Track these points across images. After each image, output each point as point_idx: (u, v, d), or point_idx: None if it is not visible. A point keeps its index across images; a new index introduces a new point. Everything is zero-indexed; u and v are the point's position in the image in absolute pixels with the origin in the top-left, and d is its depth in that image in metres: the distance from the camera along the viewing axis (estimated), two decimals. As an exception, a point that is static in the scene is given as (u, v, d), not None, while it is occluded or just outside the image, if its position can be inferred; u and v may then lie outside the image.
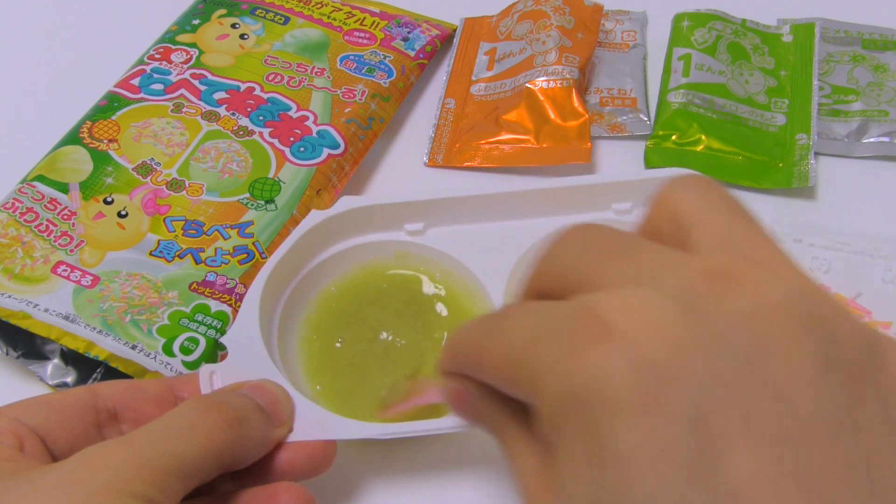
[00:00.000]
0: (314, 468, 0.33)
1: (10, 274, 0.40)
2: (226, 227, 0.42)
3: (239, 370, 0.34)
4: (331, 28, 0.52)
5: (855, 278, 0.42)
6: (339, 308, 0.40)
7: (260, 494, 0.31)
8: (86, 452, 0.27)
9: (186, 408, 0.30)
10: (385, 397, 0.37)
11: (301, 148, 0.46)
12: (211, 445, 0.28)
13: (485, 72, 0.53)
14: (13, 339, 0.39)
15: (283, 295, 0.39)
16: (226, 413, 0.30)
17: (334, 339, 0.39)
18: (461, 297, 0.40)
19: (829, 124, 0.50)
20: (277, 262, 0.38)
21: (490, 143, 0.49)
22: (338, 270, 0.41)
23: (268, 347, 0.36)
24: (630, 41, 0.54)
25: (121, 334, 0.38)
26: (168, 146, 0.45)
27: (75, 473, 0.26)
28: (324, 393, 0.37)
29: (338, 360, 0.38)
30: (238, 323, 0.36)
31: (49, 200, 0.43)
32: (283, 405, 0.33)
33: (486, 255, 0.39)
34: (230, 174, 0.44)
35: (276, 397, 0.33)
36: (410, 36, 0.53)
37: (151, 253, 0.41)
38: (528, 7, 0.53)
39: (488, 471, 0.37)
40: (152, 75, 0.49)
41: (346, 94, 0.49)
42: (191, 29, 0.52)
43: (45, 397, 0.31)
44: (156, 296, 0.39)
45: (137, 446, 0.27)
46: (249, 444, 0.31)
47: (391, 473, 0.37)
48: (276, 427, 0.32)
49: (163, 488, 0.26)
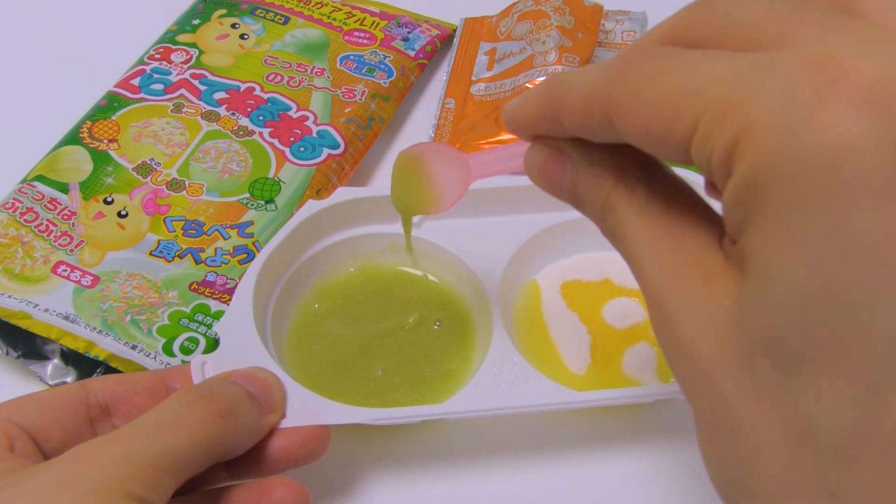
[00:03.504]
0: (309, 454, 0.32)
1: (10, 274, 0.40)
2: (226, 227, 0.42)
3: (231, 359, 0.34)
4: (331, 28, 0.52)
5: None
6: (334, 298, 0.40)
7: (254, 489, 0.30)
8: (76, 451, 0.26)
9: (175, 400, 0.29)
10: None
11: (301, 148, 0.46)
12: (201, 437, 0.28)
13: (485, 72, 0.53)
14: (13, 339, 0.39)
15: (277, 284, 0.39)
16: (215, 403, 0.29)
17: (329, 328, 0.39)
18: (456, 289, 0.40)
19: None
20: (272, 252, 0.38)
21: (490, 143, 0.49)
22: (333, 261, 0.41)
23: (261, 336, 0.36)
24: (630, 41, 0.54)
25: (121, 334, 0.38)
26: (168, 146, 0.45)
27: (66, 474, 0.25)
28: (317, 380, 0.37)
29: (332, 348, 0.38)
30: (231, 311, 0.36)
31: (49, 200, 0.43)
32: (275, 391, 0.33)
33: (482, 249, 0.40)
34: (230, 174, 0.44)
35: (268, 384, 0.33)
36: (410, 36, 0.53)
37: (151, 253, 0.41)
38: (528, 7, 0.53)
39: (487, 460, 0.37)
40: (152, 75, 0.49)
41: (346, 94, 0.49)
42: (191, 29, 0.52)
43: (35, 395, 0.31)
44: (156, 296, 0.39)
45: (127, 443, 0.27)
46: (241, 433, 0.30)
47: (387, 464, 0.37)
48: (268, 414, 0.32)
49: (154, 485, 0.26)
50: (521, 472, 0.37)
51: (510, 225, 0.41)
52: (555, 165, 0.23)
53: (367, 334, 0.39)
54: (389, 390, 0.37)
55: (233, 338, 0.35)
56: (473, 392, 0.34)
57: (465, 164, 0.31)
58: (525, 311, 0.40)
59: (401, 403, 0.36)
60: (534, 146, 0.24)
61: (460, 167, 0.31)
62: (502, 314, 0.37)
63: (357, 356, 0.38)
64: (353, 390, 0.37)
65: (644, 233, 0.21)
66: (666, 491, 0.36)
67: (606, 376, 0.38)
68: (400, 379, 0.37)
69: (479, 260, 0.39)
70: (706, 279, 0.19)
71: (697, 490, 0.36)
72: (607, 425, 0.38)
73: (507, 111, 0.24)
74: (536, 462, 0.37)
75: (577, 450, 0.37)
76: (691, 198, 0.21)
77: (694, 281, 0.19)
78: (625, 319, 0.40)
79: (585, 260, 0.42)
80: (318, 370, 0.38)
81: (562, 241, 0.41)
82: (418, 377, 0.38)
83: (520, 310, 0.40)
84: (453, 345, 0.39)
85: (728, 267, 0.19)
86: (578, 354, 0.39)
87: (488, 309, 0.38)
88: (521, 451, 0.37)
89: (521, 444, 0.37)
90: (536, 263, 0.41)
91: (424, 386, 0.37)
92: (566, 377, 0.38)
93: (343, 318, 0.39)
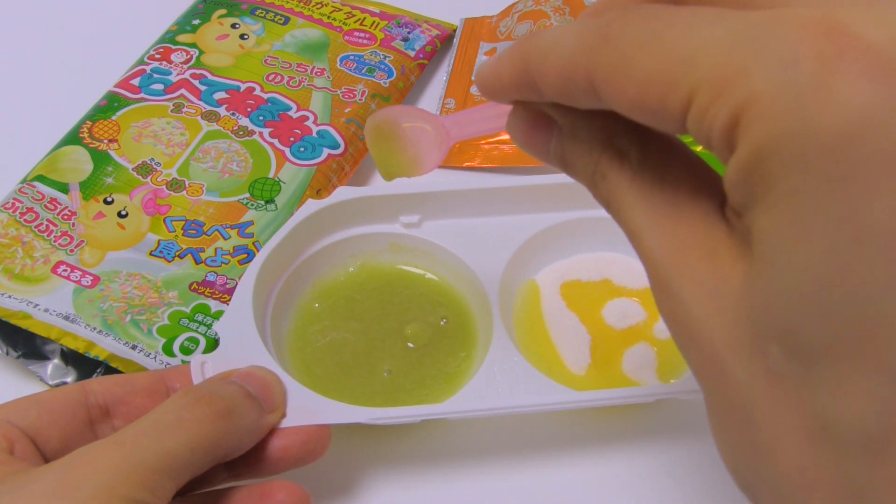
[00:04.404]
0: (309, 454, 0.32)
1: (10, 274, 0.40)
2: (226, 227, 0.42)
3: (231, 358, 0.34)
4: (331, 28, 0.52)
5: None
6: (335, 297, 0.40)
7: (255, 492, 0.30)
8: (76, 455, 0.26)
9: (174, 402, 0.29)
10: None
11: (301, 148, 0.46)
12: (201, 439, 0.28)
13: (485, 72, 0.53)
14: (13, 339, 0.39)
15: (277, 283, 0.39)
16: (214, 405, 0.29)
17: (331, 328, 0.39)
18: (455, 289, 0.40)
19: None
20: (272, 251, 0.38)
21: (490, 143, 0.49)
22: (333, 260, 0.41)
23: (261, 335, 0.36)
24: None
25: (121, 334, 0.38)
26: (168, 146, 0.45)
27: (66, 478, 0.25)
28: (321, 381, 0.37)
29: (336, 349, 0.38)
30: (231, 311, 0.36)
31: (49, 200, 0.43)
32: (275, 390, 0.32)
33: (481, 249, 0.40)
34: (230, 174, 0.44)
35: (267, 383, 0.32)
36: (410, 36, 0.53)
37: (151, 253, 0.41)
38: (528, 7, 0.53)
39: (488, 459, 0.37)
40: (152, 75, 0.49)
41: (346, 94, 0.49)
42: (191, 29, 0.52)
43: (35, 396, 0.31)
44: (156, 296, 0.39)
45: (127, 447, 0.26)
46: (241, 433, 0.30)
47: (388, 464, 0.37)
48: (268, 413, 0.32)
49: (153, 489, 0.26)
50: (521, 472, 0.37)
51: (510, 225, 0.41)
52: (539, 131, 0.22)
53: (371, 334, 0.39)
54: (396, 391, 0.37)
55: (232, 337, 0.35)
56: (474, 392, 0.34)
57: (440, 125, 0.30)
58: (525, 312, 0.40)
59: (408, 403, 0.36)
60: (515, 110, 0.22)
61: (436, 127, 0.30)
62: (502, 314, 0.37)
63: (362, 356, 0.38)
64: (357, 392, 0.37)
65: (640, 202, 0.19)
66: (666, 491, 0.36)
67: (606, 376, 0.38)
68: (406, 379, 0.37)
69: (478, 260, 0.39)
70: (711, 255, 0.18)
71: (697, 490, 0.36)
72: (607, 425, 0.38)
73: (480, 76, 0.22)
74: (536, 462, 0.37)
75: (577, 450, 0.37)
76: (688, 158, 0.20)
77: (698, 257, 0.18)
78: (624, 319, 0.40)
79: (585, 260, 0.42)
80: (321, 371, 0.38)
81: (561, 242, 0.41)
82: (425, 377, 0.38)
83: (519, 310, 0.40)
84: (457, 343, 0.39)
85: (733, 241, 0.18)
86: (578, 354, 0.39)
87: (488, 309, 0.38)
88: (521, 451, 0.37)
89: (521, 444, 0.37)
90: (536, 263, 0.41)
91: (430, 386, 0.37)
92: (566, 377, 0.38)
93: (344, 318, 0.39)
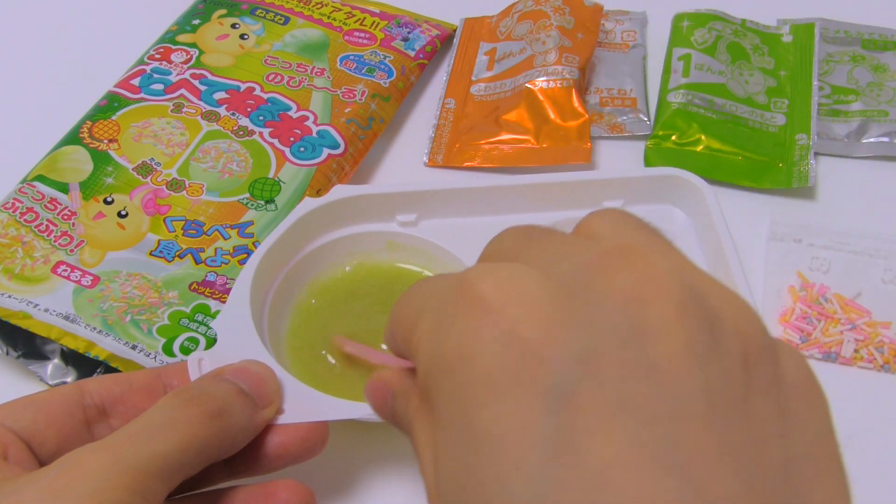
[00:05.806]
0: (308, 450, 0.32)
1: (10, 274, 0.40)
2: (226, 227, 0.42)
3: (228, 355, 0.34)
4: (331, 28, 0.52)
5: (855, 278, 0.42)
6: (332, 296, 0.40)
7: (258, 491, 0.30)
8: (66, 460, 0.26)
9: (166, 403, 0.29)
10: (352, 333, 0.37)
11: (301, 148, 0.46)
12: (192, 440, 0.28)
13: (485, 72, 0.53)
14: (13, 339, 0.39)
15: (274, 281, 0.39)
16: (205, 405, 0.29)
17: (329, 326, 0.39)
18: None
19: (829, 124, 0.50)
20: (269, 248, 0.38)
21: (490, 143, 0.49)
22: (329, 259, 0.41)
23: (258, 332, 0.35)
24: (630, 41, 0.54)
25: (121, 334, 0.38)
26: (168, 146, 0.45)
27: (56, 484, 0.25)
28: (322, 380, 0.37)
29: (330, 345, 0.38)
30: (228, 308, 0.36)
31: (49, 200, 0.43)
32: (268, 385, 0.32)
33: (478, 248, 0.39)
34: (230, 174, 0.44)
35: (261, 377, 0.32)
36: (410, 36, 0.53)
37: (151, 253, 0.41)
38: (528, 7, 0.53)
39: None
40: (152, 75, 0.49)
41: (346, 94, 0.49)
42: (191, 29, 0.52)
43: (30, 397, 0.30)
44: (156, 296, 0.39)
45: (117, 450, 0.26)
46: (234, 432, 0.30)
47: (387, 462, 0.37)
48: (263, 408, 0.31)
49: (143, 492, 0.26)
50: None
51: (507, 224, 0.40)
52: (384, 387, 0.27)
53: (371, 332, 0.39)
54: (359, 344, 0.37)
55: (230, 334, 0.35)
56: None
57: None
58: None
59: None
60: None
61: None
62: None
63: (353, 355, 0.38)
64: (359, 390, 0.37)
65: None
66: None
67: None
68: None
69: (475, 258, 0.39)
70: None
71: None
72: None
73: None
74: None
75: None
76: None
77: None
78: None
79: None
80: (319, 368, 0.37)
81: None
82: None
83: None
84: None
85: None
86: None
87: None
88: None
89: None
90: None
91: None
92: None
93: (343, 316, 0.39)
